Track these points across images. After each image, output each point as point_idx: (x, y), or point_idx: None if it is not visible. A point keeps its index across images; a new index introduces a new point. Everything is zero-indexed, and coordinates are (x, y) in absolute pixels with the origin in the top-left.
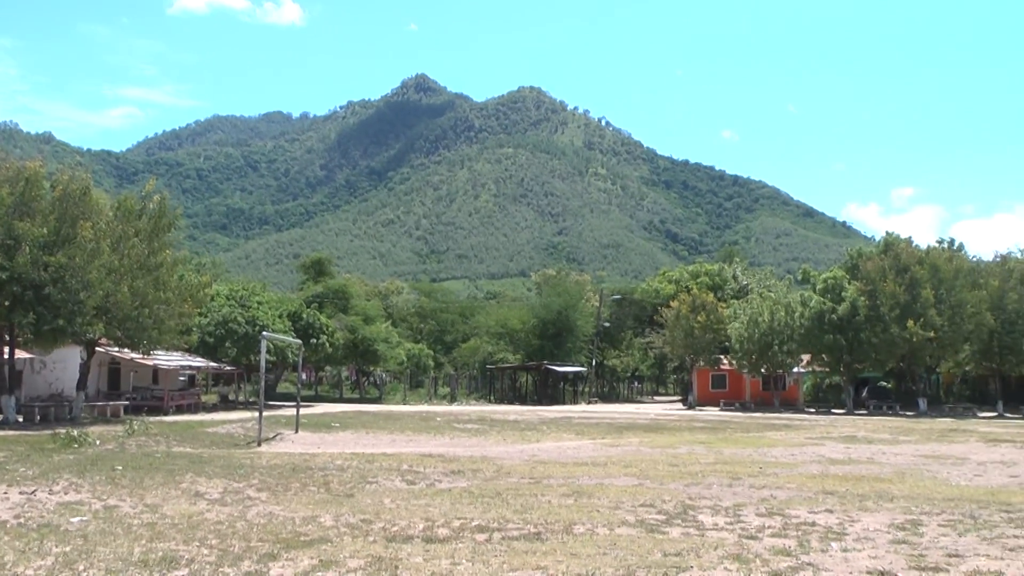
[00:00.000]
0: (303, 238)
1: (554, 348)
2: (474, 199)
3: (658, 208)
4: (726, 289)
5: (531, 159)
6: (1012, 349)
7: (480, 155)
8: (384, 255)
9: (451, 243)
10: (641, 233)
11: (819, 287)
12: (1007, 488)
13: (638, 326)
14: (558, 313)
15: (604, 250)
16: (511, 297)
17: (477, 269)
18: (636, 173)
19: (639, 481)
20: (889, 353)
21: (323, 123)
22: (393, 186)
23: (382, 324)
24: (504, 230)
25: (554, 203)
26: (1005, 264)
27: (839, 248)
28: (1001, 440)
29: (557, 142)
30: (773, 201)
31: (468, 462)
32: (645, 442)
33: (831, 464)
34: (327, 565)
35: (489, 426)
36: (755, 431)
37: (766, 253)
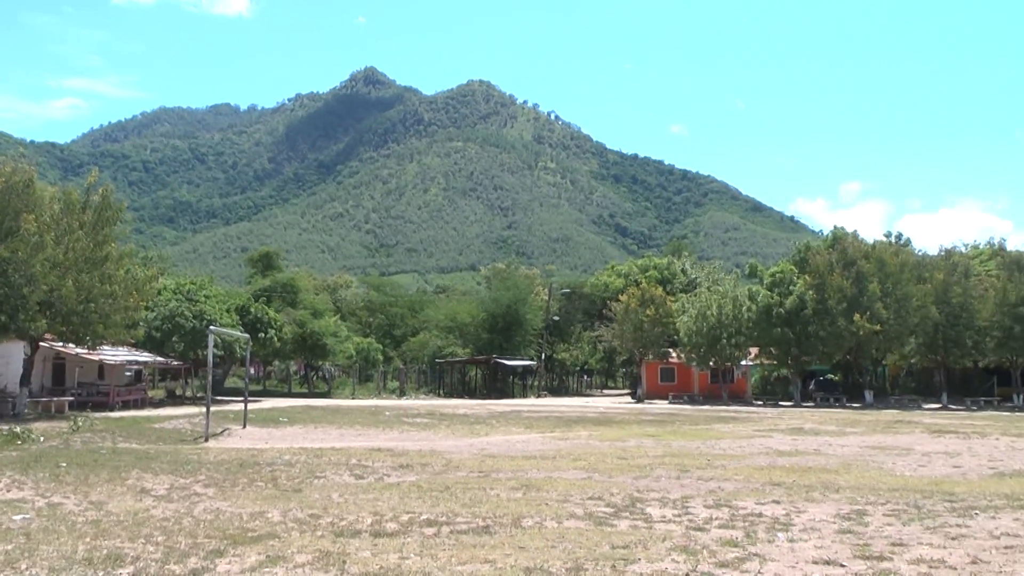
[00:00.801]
0: (251, 232)
1: (503, 342)
2: (423, 193)
3: (607, 202)
4: (675, 283)
5: (480, 153)
6: (956, 342)
7: (429, 149)
8: (333, 249)
9: (400, 237)
10: (590, 227)
11: (767, 281)
12: (951, 478)
13: (587, 320)
14: (507, 307)
15: (553, 244)
16: (460, 291)
17: (426, 263)
18: (585, 167)
19: (588, 474)
20: (836, 346)
21: (271, 116)
22: (342, 179)
23: (331, 318)
24: (453, 224)
25: (503, 197)
26: (950, 258)
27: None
28: (945, 431)
29: (506, 136)
30: (722, 196)
31: (417, 456)
32: (594, 435)
33: (778, 456)
34: (275, 561)
35: (438, 420)
36: (703, 424)
37: (715, 247)
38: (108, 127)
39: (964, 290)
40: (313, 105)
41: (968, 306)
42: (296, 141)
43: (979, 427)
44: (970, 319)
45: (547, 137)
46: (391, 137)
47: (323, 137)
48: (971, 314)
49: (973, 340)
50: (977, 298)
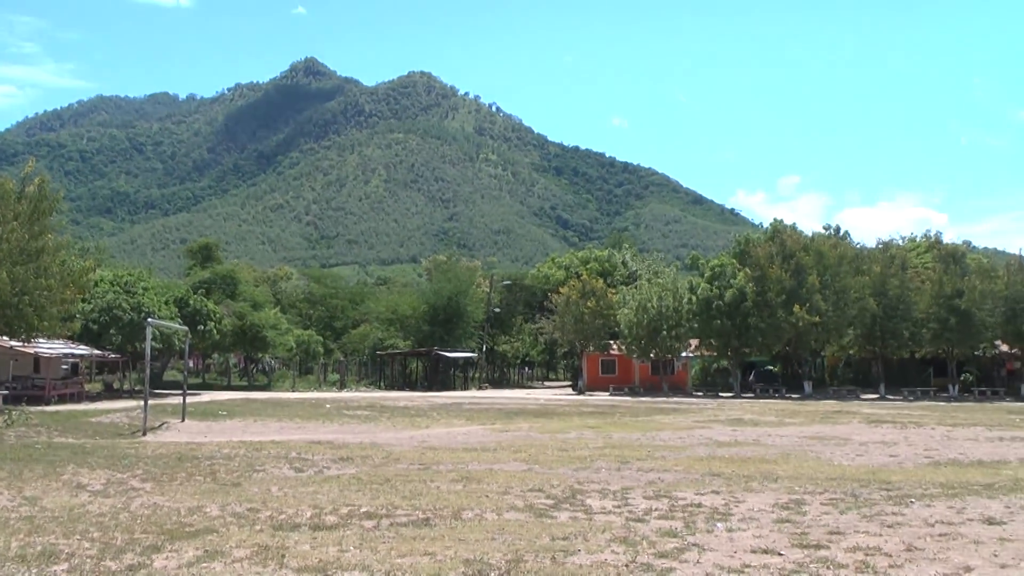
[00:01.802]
0: (190, 223)
1: (444, 334)
2: (364, 184)
3: (548, 194)
4: (616, 275)
5: (422, 144)
6: (893, 333)
7: (370, 140)
8: (273, 240)
9: (341, 228)
10: (532, 219)
11: (707, 273)
12: (887, 467)
13: (528, 312)
14: (448, 299)
15: (495, 236)
16: (401, 283)
17: (367, 255)
18: (527, 159)
19: (528, 466)
20: (776, 337)
21: (210, 105)
22: (282, 170)
23: (271, 310)
24: (394, 215)
25: (445, 189)
26: (887, 251)
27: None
28: (882, 421)
29: (448, 127)
30: (663, 188)
31: (357, 449)
32: (535, 427)
33: (718, 447)
34: (212, 556)
35: (379, 412)
36: (644, 415)
37: (656, 239)
38: (44, 116)
39: (901, 282)
40: (253, 95)
41: (905, 298)
42: (236, 131)
43: (915, 417)
44: (907, 311)
45: (488, 129)
46: (332, 128)
47: (263, 128)
48: (908, 306)
49: (910, 331)
50: (914, 290)
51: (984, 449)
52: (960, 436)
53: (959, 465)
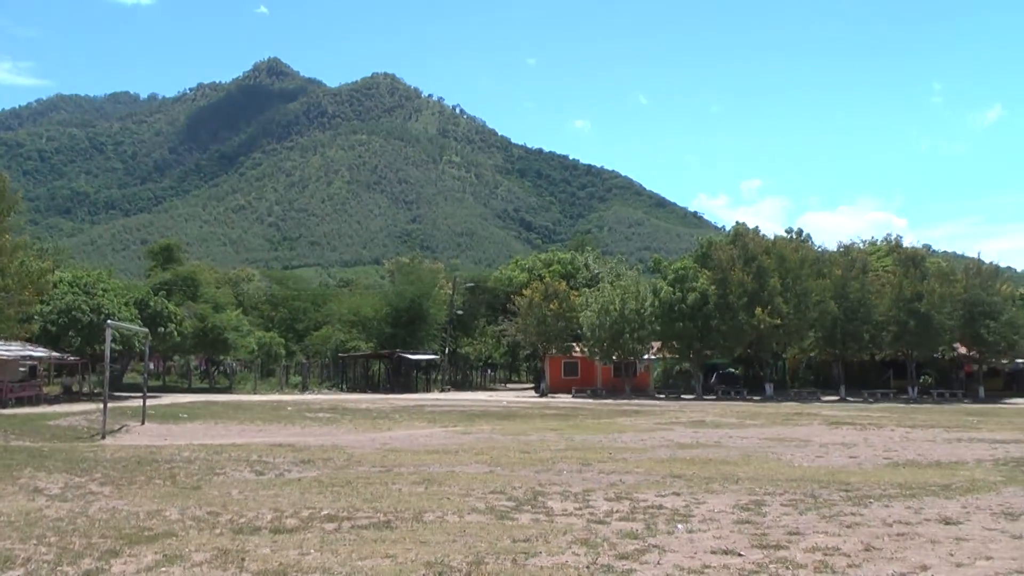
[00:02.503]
0: (151, 223)
1: (407, 336)
2: (327, 186)
3: (512, 196)
4: (579, 277)
5: (385, 146)
6: (854, 336)
7: (333, 141)
8: (235, 241)
9: (304, 230)
10: (495, 221)
11: (670, 276)
12: (847, 468)
13: (491, 314)
14: (411, 301)
15: (458, 238)
16: (364, 285)
17: (330, 256)
18: (490, 161)
19: (490, 468)
20: (737, 340)
21: (172, 105)
22: (244, 171)
23: (232, 312)
24: (357, 217)
25: (408, 190)
26: (848, 254)
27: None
28: (842, 423)
29: (411, 129)
30: (626, 191)
31: (319, 451)
32: (497, 429)
33: (679, 448)
34: (172, 560)
35: (341, 415)
36: (606, 417)
37: (619, 242)
38: (2, 115)
39: (862, 285)
40: (215, 95)
41: (865, 301)
42: (198, 132)
43: (875, 419)
44: (867, 314)
45: (452, 131)
46: (294, 129)
47: (225, 128)
48: (868, 309)
49: (870, 334)
50: (874, 293)
51: (942, 450)
52: (919, 437)
53: (917, 466)
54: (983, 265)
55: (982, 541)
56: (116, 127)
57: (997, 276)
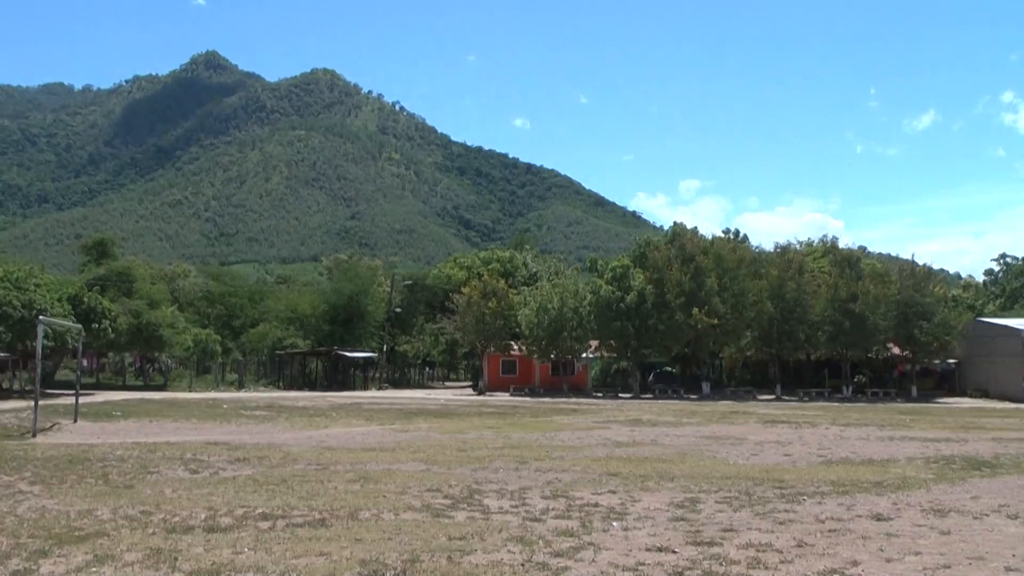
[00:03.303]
0: (85, 218)
1: (345, 333)
2: (265, 181)
3: (451, 194)
4: (517, 276)
5: (324, 142)
6: (790, 335)
7: (272, 137)
8: (171, 237)
9: (241, 226)
10: (434, 219)
11: (607, 275)
12: (781, 466)
13: (430, 312)
14: (349, 298)
15: (397, 235)
16: (302, 282)
17: (268, 253)
18: (430, 159)
19: (427, 466)
20: (675, 339)
21: (107, 97)
22: (181, 166)
23: (168, 309)
24: (296, 213)
25: (347, 187)
26: (785, 255)
27: (629, 237)
28: (778, 421)
29: (351, 126)
30: (565, 190)
31: (254, 449)
32: (434, 427)
33: (616, 447)
34: (102, 560)
35: (277, 412)
36: (543, 416)
37: (558, 241)
38: None
39: (798, 286)
40: (152, 88)
41: (802, 301)
42: (134, 124)
43: (810, 417)
44: (803, 314)
45: (392, 128)
46: (232, 124)
47: (162, 121)
48: (804, 309)
49: (806, 334)
50: (810, 294)
51: (874, 448)
52: (852, 436)
53: (850, 464)
54: (917, 267)
55: (912, 537)
56: (50, 119)
57: (930, 278)
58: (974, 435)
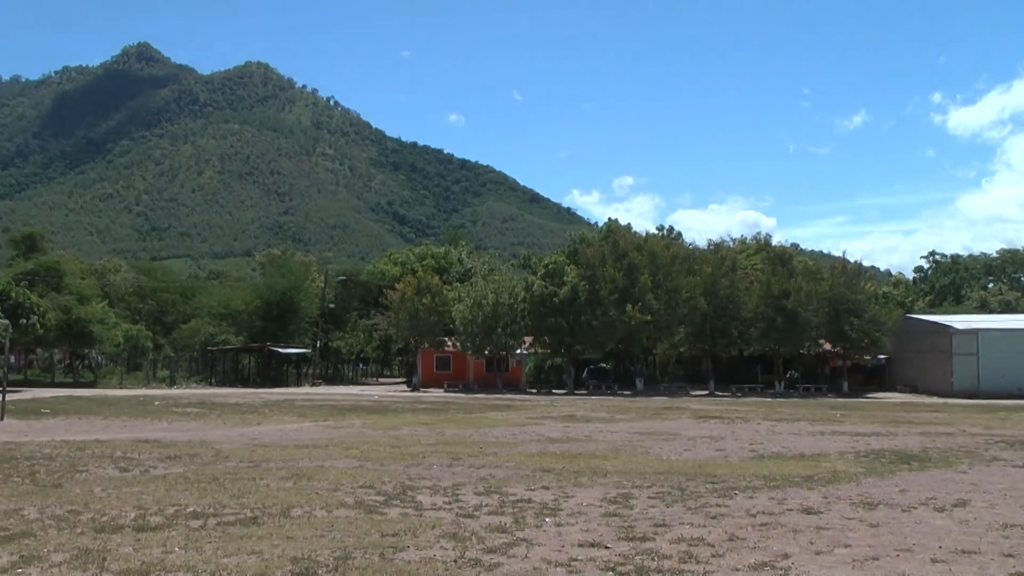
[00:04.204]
0: (13, 211)
1: (278, 329)
2: (198, 175)
3: (386, 190)
4: (452, 272)
5: (258, 136)
6: (723, 332)
7: (205, 130)
8: (102, 231)
9: (173, 220)
10: (369, 214)
11: (541, 271)
12: (713, 461)
13: (363, 308)
14: (282, 294)
15: (331, 231)
16: (235, 277)
17: (200, 248)
18: (364, 154)
19: (360, 463)
20: (608, 335)
21: (36, 88)
22: (112, 159)
23: (98, 304)
24: (229, 208)
25: (281, 182)
26: (718, 252)
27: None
28: (711, 416)
29: (284, 120)
30: (500, 186)
31: (186, 447)
32: (368, 424)
33: (550, 443)
34: (28, 560)
35: (209, 409)
36: (477, 412)
37: (493, 237)
38: None
39: (731, 283)
40: (82, 79)
41: (735, 298)
42: (63, 116)
43: (742, 413)
44: (736, 310)
45: (326, 123)
46: (165, 117)
47: (92, 113)
48: (737, 305)
49: (739, 330)
50: (743, 290)
51: (806, 443)
52: (784, 431)
53: (782, 458)
54: (848, 264)
55: (841, 530)
56: None
57: (861, 275)
58: (903, 429)
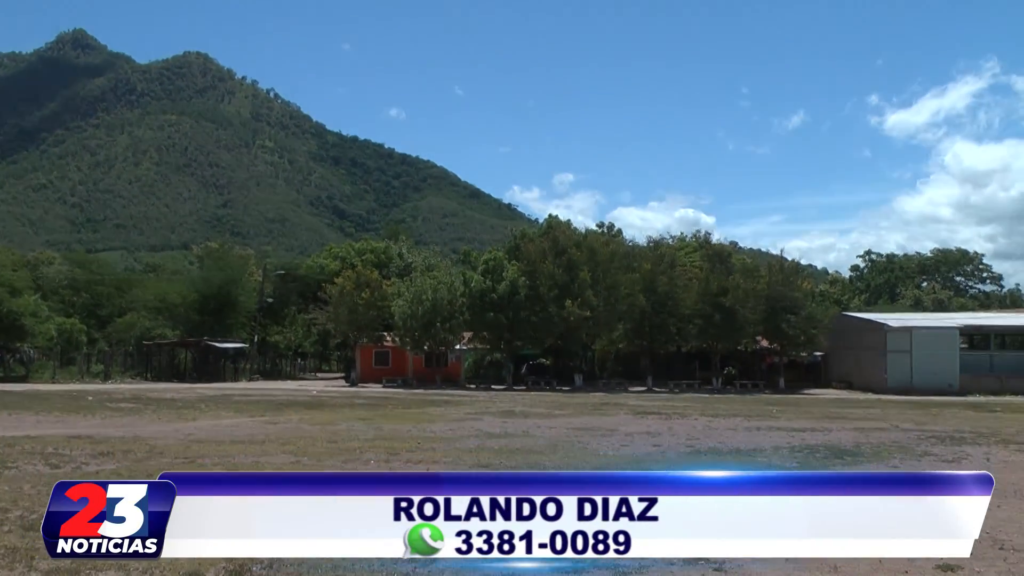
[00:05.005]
0: None
1: (215, 324)
2: (135, 166)
3: (326, 184)
4: (391, 267)
5: (196, 127)
6: (661, 328)
7: (142, 121)
8: (35, 223)
9: (109, 212)
10: (308, 208)
11: (480, 267)
12: (650, 456)
13: (302, 302)
14: (220, 288)
15: (270, 224)
16: (172, 270)
17: (137, 240)
18: (304, 147)
19: (296, 459)
20: (548, 331)
21: None
22: (46, 148)
23: (30, 296)
24: (166, 200)
25: (219, 174)
26: (657, 249)
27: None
28: (648, 412)
29: (223, 111)
30: (441, 181)
31: (119, 443)
32: (305, 419)
33: (488, 438)
34: None
35: (144, 404)
36: (416, 407)
37: (433, 232)
38: None
39: (670, 280)
40: (14, 66)
41: (673, 295)
42: None
43: (680, 408)
44: (675, 307)
45: (265, 115)
46: (100, 106)
47: (25, 102)
48: (676, 302)
49: (677, 327)
50: (682, 287)
51: (742, 438)
52: (721, 426)
53: (718, 453)
54: (785, 262)
55: None
56: None
57: (798, 273)
58: (837, 425)
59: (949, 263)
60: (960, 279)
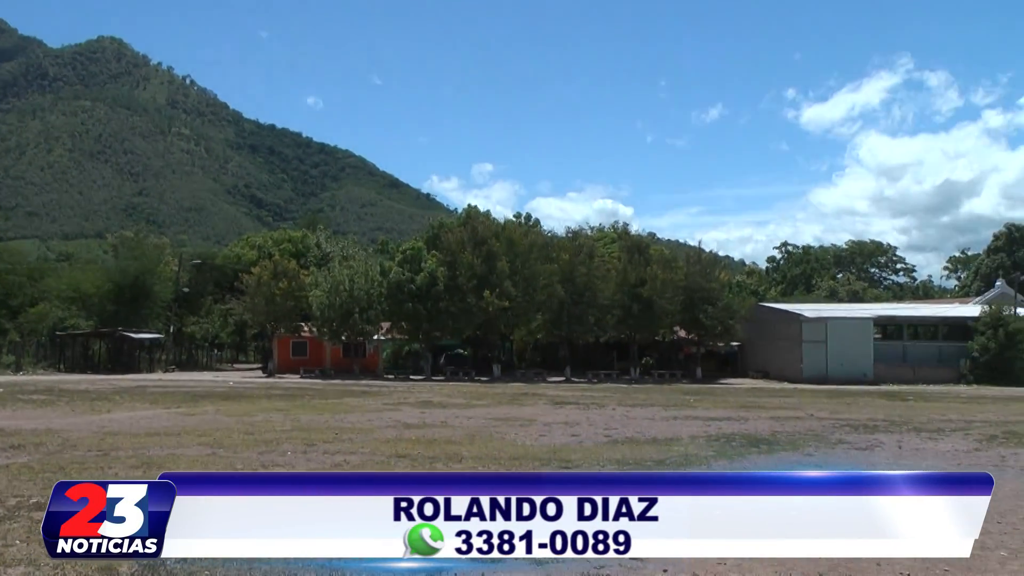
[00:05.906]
0: None
1: (130, 314)
2: (47, 153)
3: (243, 172)
4: (309, 256)
5: (110, 114)
6: (580, 319)
7: (54, 106)
8: None
9: (20, 199)
10: (225, 197)
11: (399, 257)
12: (568, 446)
13: (219, 292)
14: (135, 277)
15: (186, 213)
16: (85, 259)
17: (49, 228)
18: (221, 135)
19: (212, 450)
20: (466, 322)
21: None
22: None
23: None
24: (79, 187)
25: (134, 162)
26: (576, 240)
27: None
28: (567, 402)
29: (138, 98)
30: (359, 171)
31: (31, 435)
32: (221, 410)
33: (406, 428)
34: None
35: (57, 396)
36: (334, 398)
37: (351, 222)
38: None
39: (588, 270)
40: None
41: (592, 285)
42: None
43: (598, 398)
44: (593, 297)
45: (182, 102)
46: (11, 91)
47: None
48: (594, 293)
49: (595, 317)
50: (600, 278)
51: (659, 427)
52: (638, 416)
53: (635, 443)
54: (703, 253)
55: None
56: None
57: (716, 264)
58: (754, 414)
59: (864, 255)
60: (874, 271)
